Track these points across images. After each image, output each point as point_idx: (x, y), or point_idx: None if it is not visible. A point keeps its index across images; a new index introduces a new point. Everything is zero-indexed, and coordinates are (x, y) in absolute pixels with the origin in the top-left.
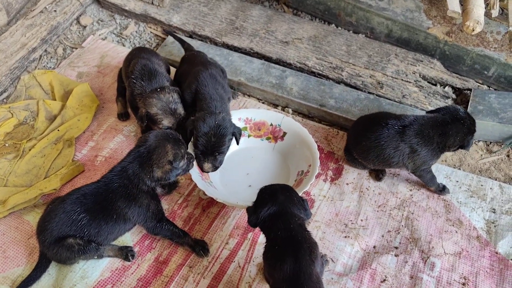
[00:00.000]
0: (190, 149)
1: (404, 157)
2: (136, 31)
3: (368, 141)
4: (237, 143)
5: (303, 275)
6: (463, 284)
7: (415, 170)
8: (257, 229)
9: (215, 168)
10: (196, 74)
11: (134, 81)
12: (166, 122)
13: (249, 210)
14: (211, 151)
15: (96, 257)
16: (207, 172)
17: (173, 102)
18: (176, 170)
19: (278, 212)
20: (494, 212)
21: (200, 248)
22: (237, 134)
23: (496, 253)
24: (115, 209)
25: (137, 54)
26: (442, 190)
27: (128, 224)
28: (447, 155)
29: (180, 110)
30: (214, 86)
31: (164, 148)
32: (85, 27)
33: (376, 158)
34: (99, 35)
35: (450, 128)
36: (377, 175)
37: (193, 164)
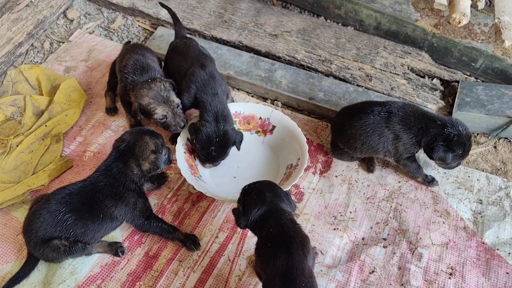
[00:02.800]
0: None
1: (388, 143)
2: (124, 25)
3: (354, 129)
4: (238, 149)
5: (296, 270)
6: (450, 274)
7: (398, 158)
8: None
9: (215, 165)
10: (193, 77)
11: (126, 75)
12: (160, 110)
13: (236, 212)
14: (212, 160)
15: (84, 255)
16: (207, 167)
17: (164, 90)
18: (161, 158)
19: (269, 210)
20: (481, 203)
21: (191, 242)
22: (237, 141)
23: (483, 243)
24: (102, 208)
25: (132, 49)
26: (430, 181)
27: (115, 222)
28: None
29: (173, 97)
30: (214, 91)
31: (144, 140)
32: (72, 21)
33: (362, 146)
34: (87, 29)
35: (431, 127)
36: (368, 167)
37: (172, 157)
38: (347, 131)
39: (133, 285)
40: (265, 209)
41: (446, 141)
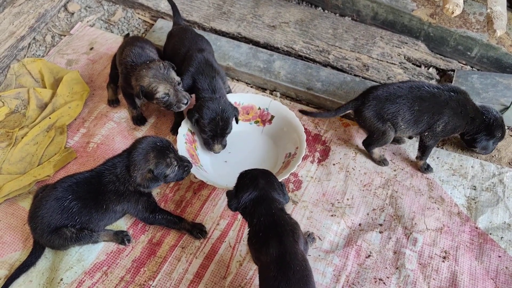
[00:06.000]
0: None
1: (441, 122)
2: (124, 17)
3: (423, 105)
4: (237, 122)
5: (289, 255)
6: (444, 257)
7: (435, 136)
8: None
9: (224, 147)
10: (192, 60)
11: (126, 65)
12: (162, 88)
13: (229, 194)
14: (220, 134)
15: (91, 243)
16: (218, 152)
17: (164, 68)
18: (157, 181)
19: (260, 197)
20: (474, 189)
21: (197, 231)
22: (236, 114)
23: (476, 228)
24: (105, 200)
25: (131, 42)
26: (426, 168)
27: (118, 214)
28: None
29: (173, 75)
30: (211, 74)
31: (146, 157)
32: (72, 14)
33: (421, 122)
34: (87, 22)
35: (477, 117)
36: (382, 161)
37: (188, 172)
38: (413, 107)
39: (137, 271)
40: (256, 194)
41: (487, 129)
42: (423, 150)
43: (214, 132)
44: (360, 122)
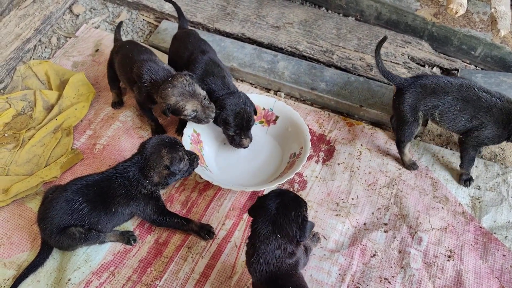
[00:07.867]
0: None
1: (477, 128)
2: (128, 19)
3: (466, 108)
4: (255, 114)
5: (281, 280)
6: (449, 256)
7: (471, 142)
8: None
9: (251, 140)
10: (198, 63)
11: (146, 84)
12: (190, 106)
13: (250, 210)
14: (246, 127)
15: (98, 243)
16: (247, 146)
17: (188, 84)
18: (174, 176)
19: (270, 231)
20: (479, 189)
21: (205, 232)
22: (254, 106)
23: (480, 227)
24: (114, 203)
25: (136, 54)
26: (465, 180)
27: (127, 216)
28: (436, 133)
29: (199, 90)
30: (221, 74)
31: (160, 154)
32: (78, 16)
33: (459, 123)
34: (92, 23)
35: None
36: (413, 165)
37: (197, 163)
38: (455, 107)
39: (144, 271)
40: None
41: None
42: (461, 156)
43: (241, 126)
44: (395, 103)
